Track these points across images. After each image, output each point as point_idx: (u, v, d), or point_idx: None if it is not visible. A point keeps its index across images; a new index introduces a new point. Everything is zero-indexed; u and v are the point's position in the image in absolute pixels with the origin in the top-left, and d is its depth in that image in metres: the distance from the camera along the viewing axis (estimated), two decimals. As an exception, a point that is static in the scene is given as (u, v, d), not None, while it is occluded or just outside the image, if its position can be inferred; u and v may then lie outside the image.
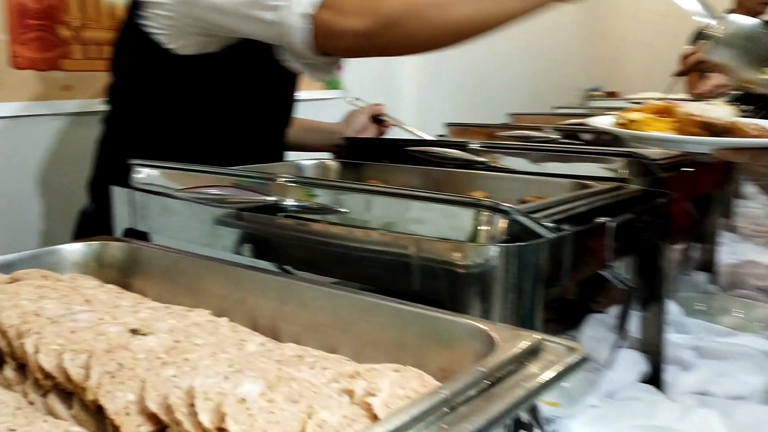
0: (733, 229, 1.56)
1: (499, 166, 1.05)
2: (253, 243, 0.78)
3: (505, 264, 0.61)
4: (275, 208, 0.77)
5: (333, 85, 2.44)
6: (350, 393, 0.46)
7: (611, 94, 5.02)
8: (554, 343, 0.48)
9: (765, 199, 1.89)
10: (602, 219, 0.72)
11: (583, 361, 0.46)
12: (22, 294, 0.57)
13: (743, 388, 0.88)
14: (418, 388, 0.46)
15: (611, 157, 1.01)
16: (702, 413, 0.81)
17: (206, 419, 0.40)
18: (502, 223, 0.62)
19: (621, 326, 0.93)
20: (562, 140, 1.39)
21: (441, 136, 1.78)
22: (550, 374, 0.43)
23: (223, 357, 0.48)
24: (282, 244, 0.76)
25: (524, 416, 0.51)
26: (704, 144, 0.96)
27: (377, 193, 0.73)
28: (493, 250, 0.61)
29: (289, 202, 0.76)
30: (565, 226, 0.67)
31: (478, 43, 1.13)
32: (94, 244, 0.74)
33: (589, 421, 0.79)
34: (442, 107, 2.83)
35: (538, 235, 0.64)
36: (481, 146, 1.16)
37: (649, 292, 0.91)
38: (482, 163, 1.10)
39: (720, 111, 1.02)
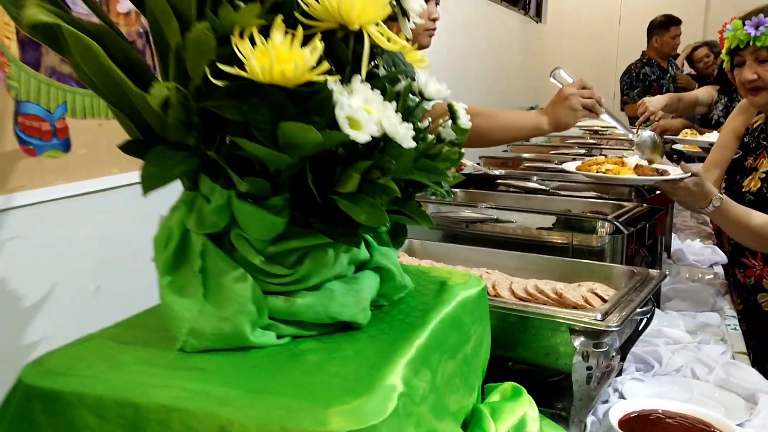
0: (676, 227, 2.45)
1: (563, 192, 1.86)
2: (472, 240, 1.54)
3: (611, 244, 1.42)
4: (481, 221, 1.54)
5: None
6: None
7: (546, 112, 6.03)
8: (653, 272, 1.28)
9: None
10: (642, 222, 1.54)
11: (665, 276, 1.27)
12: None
13: (697, 305, 1.72)
14: (611, 290, 1.25)
15: (624, 187, 1.85)
16: (675, 315, 1.65)
17: (551, 293, 1.17)
18: (608, 226, 1.43)
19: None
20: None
21: (477, 163, 2.59)
22: (658, 280, 1.24)
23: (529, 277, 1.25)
24: (488, 240, 1.52)
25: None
26: (650, 180, 1.59)
27: (536, 212, 1.52)
28: (606, 238, 1.41)
29: (486, 216, 1.53)
30: (629, 226, 1.49)
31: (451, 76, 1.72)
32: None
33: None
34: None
35: (622, 231, 1.44)
36: (537, 180, 1.98)
37: (653, 258, 1.75)
38: (545, 190, 1.92)
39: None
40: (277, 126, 0.59)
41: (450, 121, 0.80)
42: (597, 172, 1.66)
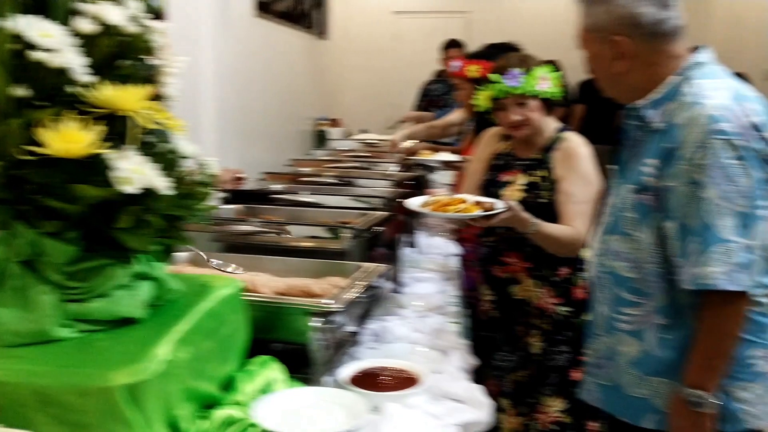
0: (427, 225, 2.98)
1: (325, 204, 2.26)
2: (250, 249, 1.86)
3: (352, 246, 1.82)
4: (257, 232, 1.87)
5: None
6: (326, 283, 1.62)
7: (334, 122, 6.52)
8: (378, 266, 1.70)
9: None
10: (378, 228, 1.97)
11: (387, 269, 1.70)
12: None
13: (430, 288, 2.21)
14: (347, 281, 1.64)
15: (374, 199, 2.30)
16: (410, 295, 2.11)
17: (301, 287, 1.54)
18: (351, 232, 1.83)
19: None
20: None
21: (263, 179, 2.91)
22: (382, 270, 1.66)
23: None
24: (265, 248, 1.86)
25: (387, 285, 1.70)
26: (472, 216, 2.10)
27: (300, 223, 1.88)
28: (350, 241, 1.82)
29: (263, 229, 1.87)
30: (367, 232, 1.91)
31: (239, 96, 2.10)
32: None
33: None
34: (237, 144, 3.82)
35: (361, 236, 1.86)
36: (307, 194, 2.37)
37: (393, 254, 2.20)
38: (314, 204, 2.31)
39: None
40: (70, 186, 0.88)
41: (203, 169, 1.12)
42: (453, 212, 1.93)
